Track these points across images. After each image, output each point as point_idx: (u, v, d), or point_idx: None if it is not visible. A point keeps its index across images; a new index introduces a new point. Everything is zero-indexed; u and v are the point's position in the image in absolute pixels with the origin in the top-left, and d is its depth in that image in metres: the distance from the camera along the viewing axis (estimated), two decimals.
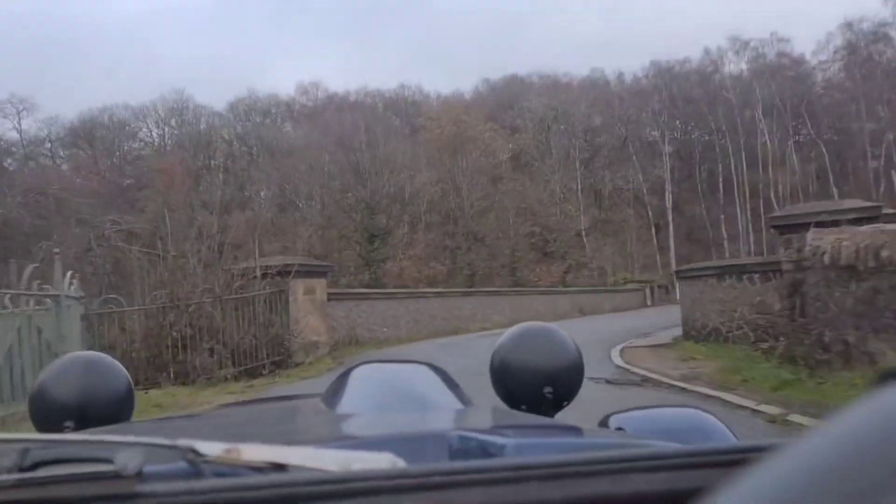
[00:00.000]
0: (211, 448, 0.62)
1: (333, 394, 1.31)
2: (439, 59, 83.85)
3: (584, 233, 45.35)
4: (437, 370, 1.46)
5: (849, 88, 56.43)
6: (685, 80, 60.61)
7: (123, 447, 0.60)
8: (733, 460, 0.53)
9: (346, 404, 1.24)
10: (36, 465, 0.63)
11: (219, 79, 79.08)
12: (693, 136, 62.61)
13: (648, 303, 42.80)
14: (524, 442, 0.87)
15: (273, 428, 1.31)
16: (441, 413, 1.25)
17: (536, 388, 1.49)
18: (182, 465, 0.62)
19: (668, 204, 56.72)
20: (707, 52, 60.94)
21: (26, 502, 0.57)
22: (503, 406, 1.53)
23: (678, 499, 0.52)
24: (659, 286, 45.70)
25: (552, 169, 49.94)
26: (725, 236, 56.70)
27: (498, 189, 49.32)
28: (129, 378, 1.54)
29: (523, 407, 1.49)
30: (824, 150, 55.50)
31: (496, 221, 46.93)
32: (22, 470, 0.62)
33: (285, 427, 1.33)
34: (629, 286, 41.09)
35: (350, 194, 44.25)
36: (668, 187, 56.85)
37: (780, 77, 59.13)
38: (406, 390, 1.36)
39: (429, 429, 1.02)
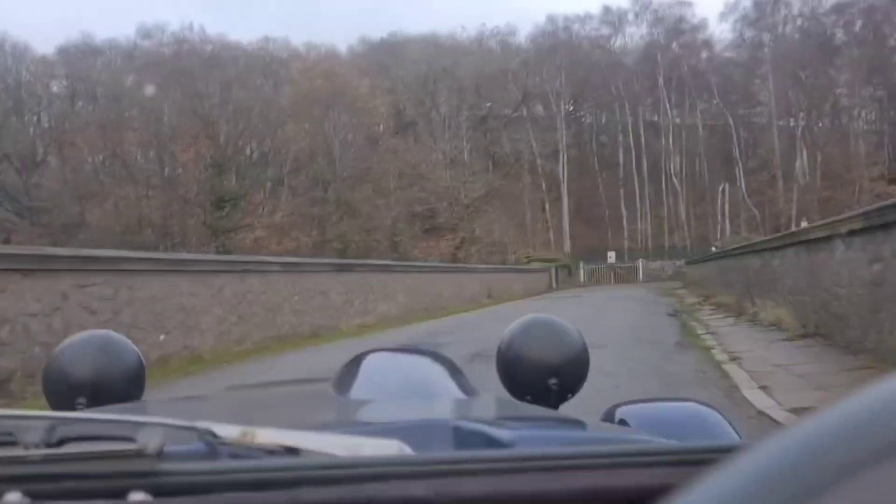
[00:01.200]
0: (227, 430, 0.64)
1: (342, 379, 1.34)
2: (310, 16, 75.05)
3: (476, 203, 38.60)
4: (442, 359, 1.51)
5: (753, 56, 52.64)
6: (581, 44, 55.11)
7: (145, 427, 0.62)
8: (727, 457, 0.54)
9: (354, 390, 1.27)
10: (61, 442, 0.64)
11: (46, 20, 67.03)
12: (588, 108, 57.35)
13: (553, 285, 36.68)
14: (528, 434, 0.91)
15: (284, 411, 1.32)
16: (447, 402, 1.26)
17: (542, 379, 1.48)
18: (200, 446, 0.64)
19: (564, 176, 51.11)
20: (607, 10, 55.63)
21: (52, 476, 0.58)
22: (507, 397, 1.50)
23: (670, 494, 0.53)
24: (561, 267, 39.77)
25: (439, 130, 42.89)
26: (625, 213, 51.79)
27: (377, 152, 41.95)
28: (141, 356, 1.52)
29: (528, 398, 1.48)
30: (731, 120, 51.41)
31: (374, 189, 39.54)
32: (48, 445, 0.63)
33: (296, 411, 1.32)
34: (534, 266, 34.78)
35: (192, 150, 35.40)
36: (563, 159, 51.20)
37: (682, 42, 54.71)
38: (413, 378, 1.39)
39: (435, 418, 1.02)
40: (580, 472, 0.57)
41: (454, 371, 1.43)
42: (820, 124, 48.07)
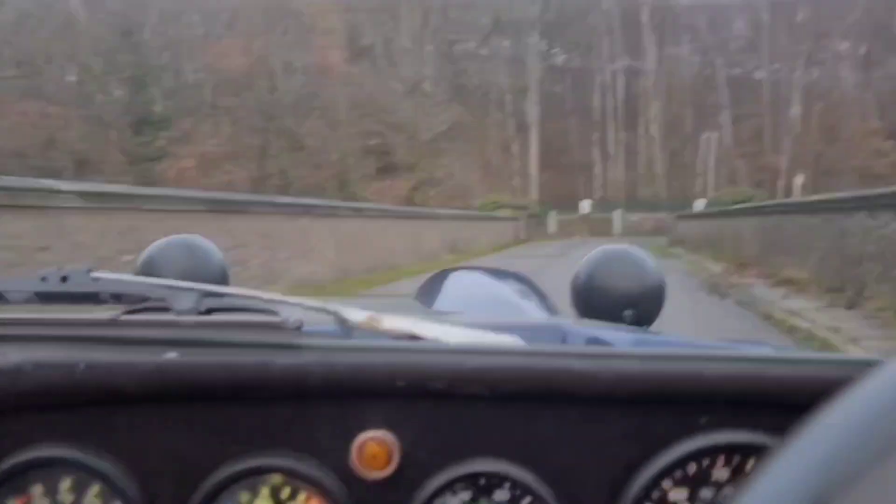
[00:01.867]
0: (356, 315, 0.68)
1: (428, 294, 1.32)
2: None
3: (438, 140, 33.93)
4: (526, 280, 1.50)
5: None
6: None
7: (285, 304, 0.69)
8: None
9: (439, 303, 1.27)
10: (210, 311, 0.70)
11: None
12: (563, 44, 52.55)
13: (522, 236, 32.50)
14: (633, 337, 0.92)
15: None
16: (537, 318, 1.25)
17: (617, 310, 1.43)
18: (333, 326, 0.68)
19: (534, 116, 46.66)
20: None
21: (202, 343, 0.63)
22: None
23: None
24: (531, 215, 35.58)
25: (400, 56, 37.82)
26: (597, 160, 47.72)
27: (328, 77, 36.79)
28: (224, 262, 1.50)
29: None
30: (717, 63, 47.25)
31: (323, 120, 34.53)
32: (199, 313, 0.69)
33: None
34: (501, 213, 30.48)
35: (102, 59, 29.85)
36: (533, 98, 46.67)
37: None
38: (499, 294, 1.37)
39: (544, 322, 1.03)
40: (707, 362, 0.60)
41: (538, 292, 1.44)
42: (816, 73, 44.05)
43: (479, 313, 1.17)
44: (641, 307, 1.44)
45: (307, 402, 0.62)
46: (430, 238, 18.31)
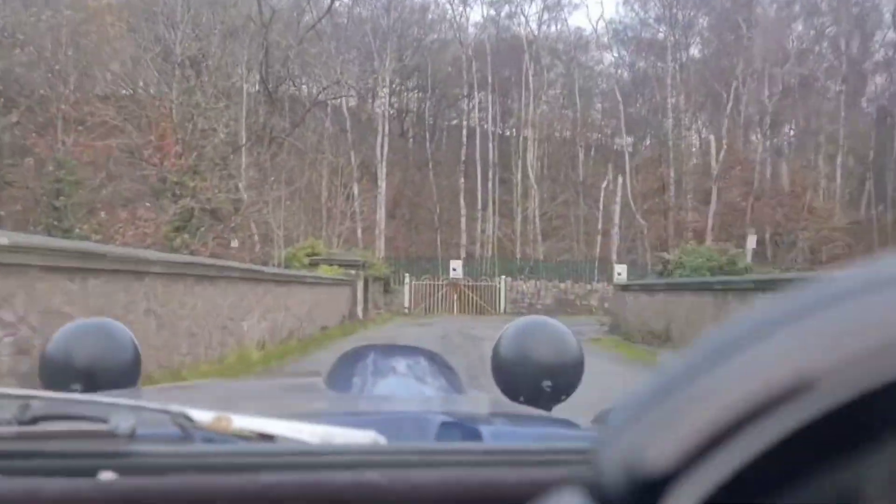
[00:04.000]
0: (202, 416, 0.64)
1: (333, 373, 1.33)
2: None
3: (232, 153, 21.05)
4: (434, 357, 1.47)
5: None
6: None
7: (118, 408, 0.64)
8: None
9: (343, 384, 1.26)
10: (35, 420, 0.64)
11: None
12: (421, 78, 41.84)
13: (359, 312, 20.26)
14: (500, 430, 0.90)
15: (270, 401, 1.34)
16: (434, 399, 1.24)
17: (536, 381, 1.47)
18: (173, 429, 0.64)
19: (382, 153, 35.13)
20: None
21: (24, 454, 0.59)
22: (500, 397, 1.49)
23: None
24: (375, 278, 23.46)
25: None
26: (464, 214, 36.52)
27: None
28: (137, 344, 1.51)
29: (521, 399, 1.47)
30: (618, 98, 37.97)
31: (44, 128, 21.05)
32: (21, 423, 0.63)
33: (282, 401, 1.34)
34: (326, 273, 18.09)
35: None
36: (384, 129, 35.33)
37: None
38: (403, 374, 1.36)
39: (413, 410, 1.02)
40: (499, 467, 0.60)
41: (446, 369, 1.40)
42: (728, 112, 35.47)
43: (376, 394, 1.18)
44: (561, 378, 1.46)
45: None
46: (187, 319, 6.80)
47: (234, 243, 18.29)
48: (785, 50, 35.30)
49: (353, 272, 19.65)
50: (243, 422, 0.65)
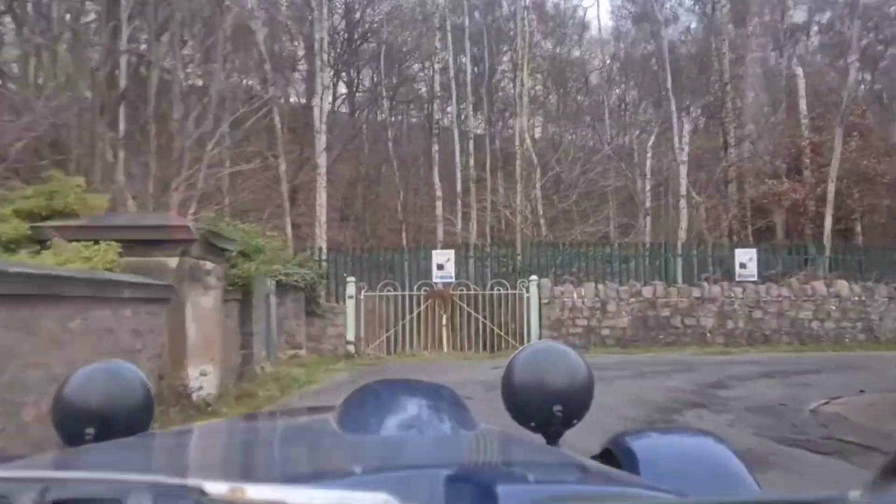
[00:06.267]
0: (217, 488, 0.66)
1: (349, 410, 1.37)
2: None
3: None
4: (445, 393, 1.50)
5: None
6: None
7: (135, 488, 0.67)
8: None
9: (355, 424, 1.28)
10: None
11: None
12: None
13: (259, 360, 8.27)
14: (512, 489, 0.91)
15: (284, 451, 1.35)
16: (445, 441, 1.26)
17: (546, 406, 1.49)
18: None
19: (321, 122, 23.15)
20: None
21: None
22: (512, 427, 1.49)
23: None
24: (300, 284, 11.57)
25: None
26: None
27: None
28: (150, 387, 1.54)
29: (532, 424, 1.52)
30: None
31: None
32: None
33: (295, 451, 1.35)
34: (79, 259, 6.30)
35: None
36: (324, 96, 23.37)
37: None
38: (415, 413, 1.37)
39: (425, 464, 1.05)
40: None
41: (457, 406, 1.43)
42: None
43: (389, 437, 1.21)
44: (571, 403, 1.47)
45: None
46: None
47: None
48: None
49: (209, 267, 8.01)
50: (258, 492, 0.66)
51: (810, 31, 26.86)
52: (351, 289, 14.22)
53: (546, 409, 1.47)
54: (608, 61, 27.52)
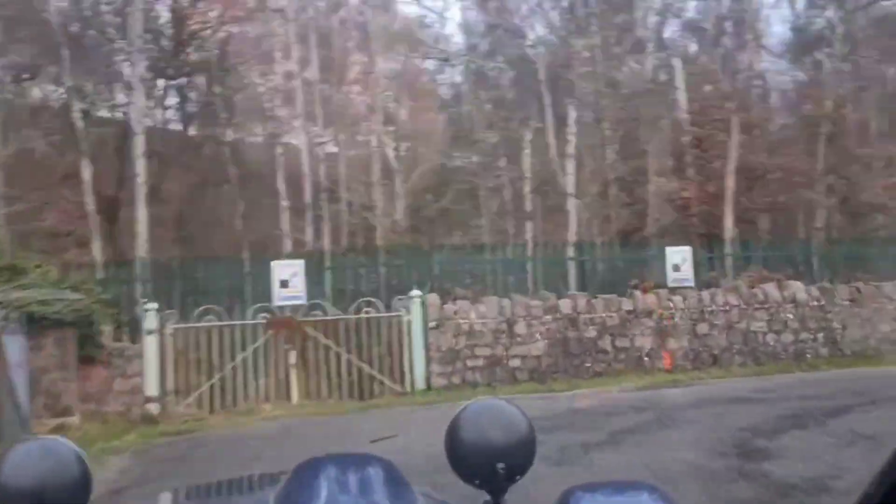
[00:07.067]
0: None
1: (285, 492, 1.40)
2: None
3: None
4: (386, 465, 1.51)
5: None
6: None
7: None
8: None
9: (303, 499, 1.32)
10: None
11: None
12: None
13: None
14: None
15: None
16: None
17: (489, 463, 1.48)
18: None
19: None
20: None
21: None
22: (457, 485, 1.53)
23: None
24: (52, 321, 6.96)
25: None
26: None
27: None
28: (86, 461, 1.45)
29: (476, 482, 1.51)
30: None
31: None
32: None
33: None
34: None
35: None
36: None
37: None
38: (355, 489, 1.39)
39: None
40: None
41: (397, 481, 1.46)
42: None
43: None
44: (513, 459, 1.46)
45: None
46: None
47: None
48: None
49: None
50: None
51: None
52: (151, 320, 9.75)
53: (489, 467, 1.44)
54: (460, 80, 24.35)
